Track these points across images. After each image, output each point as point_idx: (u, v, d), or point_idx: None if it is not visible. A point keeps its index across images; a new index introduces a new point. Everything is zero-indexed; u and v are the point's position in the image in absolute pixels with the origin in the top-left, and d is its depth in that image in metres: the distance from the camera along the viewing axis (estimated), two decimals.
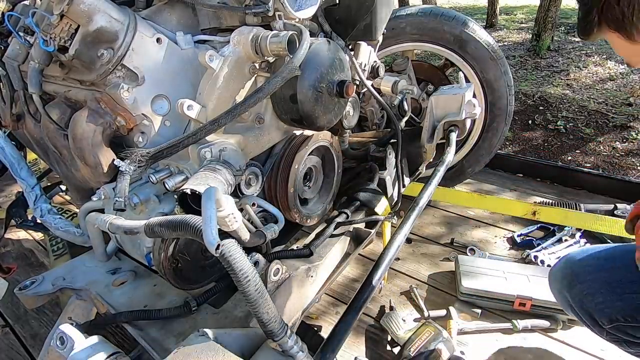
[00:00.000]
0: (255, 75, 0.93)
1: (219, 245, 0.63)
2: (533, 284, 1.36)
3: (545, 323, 1.29)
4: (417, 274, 1.57)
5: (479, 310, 1.37)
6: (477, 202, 1.98)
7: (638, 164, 2.42)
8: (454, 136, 1.37)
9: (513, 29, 5.60)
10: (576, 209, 1.82)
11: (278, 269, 0.94)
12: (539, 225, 1.78)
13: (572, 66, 3.91)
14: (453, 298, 1.44)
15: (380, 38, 1.30)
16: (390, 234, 1.37)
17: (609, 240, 1.62)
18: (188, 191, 0.74)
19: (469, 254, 1.62)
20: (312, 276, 1.04)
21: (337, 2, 1.17)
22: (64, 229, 1.16)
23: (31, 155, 2.15)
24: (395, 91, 1.38)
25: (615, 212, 1.78)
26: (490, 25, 5.73)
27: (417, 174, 1.54)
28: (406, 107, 1.52)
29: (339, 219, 1.18)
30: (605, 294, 0.88)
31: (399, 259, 1.65)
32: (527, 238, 1.71)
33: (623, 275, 0.88)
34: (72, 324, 0.81)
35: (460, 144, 1.87)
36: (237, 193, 0.94)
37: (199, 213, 0.66)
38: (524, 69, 3.98)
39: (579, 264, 0.96)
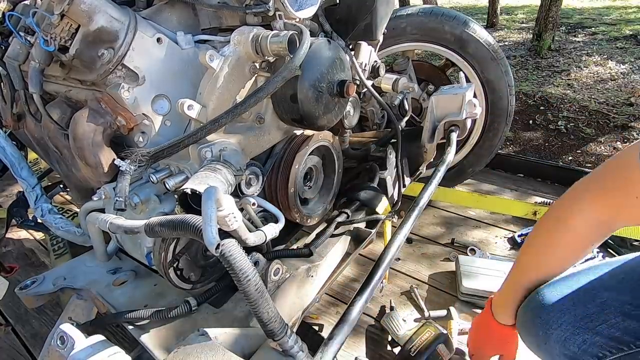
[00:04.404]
0: (256, 75, 0.93)
1: (219, 244, 0.63)
2: None
3: None
4: (417, 274, 1.57)
5: (479, 311, 1.36)
6: (477, 202, 1.98)
7: None
8: (454, 136, 1.37)
9: (514, 29, 5.60)
10: None
11: (278, 268, 0.94)
12: None
13: (573, 66, 3.91)
14: (453, 298, 1.44)
15: (380, 38, 1.30)
16: (390, 234, 1.37)
17: (610, 242, 1.61)
18: (188, 191, 0.74)
19: (469, 254, 1.62)
20: (312, 276, 1.04)
21: (338, 1, 1.17)
22: (64, 229, 1.16)
23: (32, 155, 2.15)
24: (396, 89, 1.38)
25: None
26: (491, 25, 5.73)
27: (417, 174, 1.54)
28: (407, 107, 1.52)
29: (339, 219, 1.18)
30: (584, 332, 0.76)
31: (399, 259, 1.65)
32: None
33: (590, 306, 0.76)
34: (72, 324, 0.82)
35: (460, 144, 1.87)
36: (237, 193, 0.94)
37: (199, 213, 0.66)
38: (524, 69, 3.98)
39: (548, 306, 0.81)
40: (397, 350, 1.24)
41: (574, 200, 0.74)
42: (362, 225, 1.24)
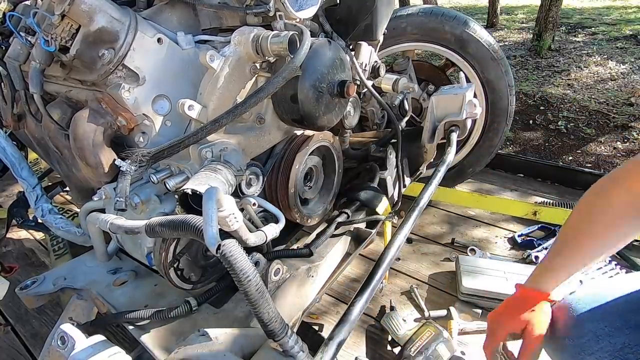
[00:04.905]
0: (256, 75, 0.93)
1: (219, 245, 0.63)
2: None
3: None
4: (417, 274, 1.57)
5: (479, 311, 1.37)
6: (477, 202, 1.98)
7: None
8: (454, 136, 1.37)
9: (514, 29, 5.60)
10: None
11: (279, 269, 0.94)
12: (539, 225, 1.78)
13: (573, 66, 3.90)
14: (454, 298, 1.44)
15: (381, 38, 1.30)
16: (390, 234, 1.38)
17: None
18: (189, 191, 0.74)
19: (469, 254, 1.62)
20: (312, 276, 1.04)
21: (338, 2, 1.17)
22: (64, 229, 1.16)
23: (32, 155, 2.15)
24: (396, 89, 1.38)
25: None
26: (491, 25, 5.73)
27: (417, 174, 1.54)
28: (407, 107, 1.52)
29: (339, 219, 1.18)
30: None
31: (399, 258, 1.65)
32: (528, 238, 1.71)
33: (631, 334, 0.72)
34: (73, 324, 0.82)
35: (461, 144, 1.87)
36: (237, 193, 0.94)
37: (199, 213, 0.66)
38: (524, 69, 3.98)
39: (581, 326, 0.77)
40: (397, 350, 1.24)
41: (612, 177, 0.78)
42: (362, 225, 1.24)
